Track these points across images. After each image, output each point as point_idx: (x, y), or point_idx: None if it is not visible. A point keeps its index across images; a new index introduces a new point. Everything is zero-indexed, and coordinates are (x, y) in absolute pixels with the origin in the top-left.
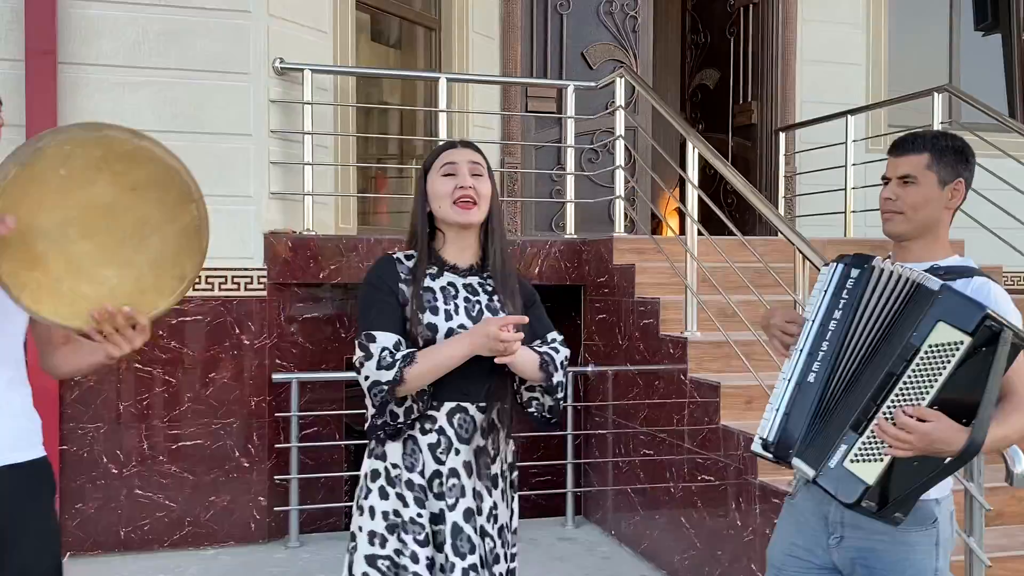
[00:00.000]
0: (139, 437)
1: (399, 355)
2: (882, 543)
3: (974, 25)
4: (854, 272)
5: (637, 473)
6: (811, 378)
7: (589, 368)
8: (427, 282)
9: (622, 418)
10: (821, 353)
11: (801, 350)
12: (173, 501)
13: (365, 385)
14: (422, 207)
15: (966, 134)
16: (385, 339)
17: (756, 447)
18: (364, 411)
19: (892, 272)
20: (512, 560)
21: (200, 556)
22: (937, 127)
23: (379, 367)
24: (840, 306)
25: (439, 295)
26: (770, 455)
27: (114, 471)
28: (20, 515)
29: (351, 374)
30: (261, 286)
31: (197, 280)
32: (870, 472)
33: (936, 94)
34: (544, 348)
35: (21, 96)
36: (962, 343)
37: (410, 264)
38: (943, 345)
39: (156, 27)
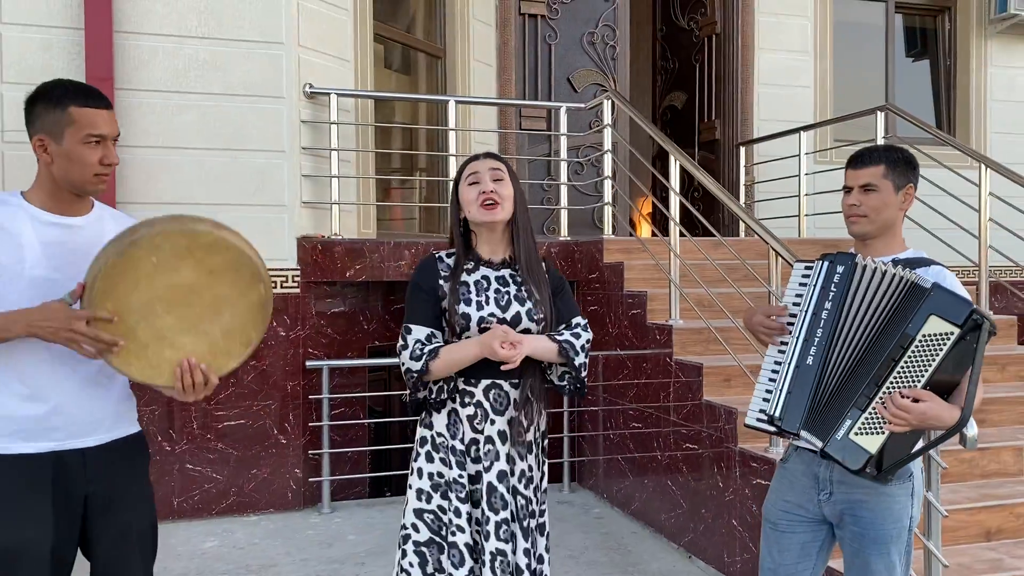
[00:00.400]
0: (189, 418)
1: (428, 348)
2: (867, 496)
3: (906, 52)
4: (839, 268)
5: (627, 444)
6: (809, 361)
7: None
8: (464, 277)
9: (612, 396)
10: (816, 339)
11: (797, 337)
12: (219, 474)
13: (402, 370)
14: (455, 213)
15: (916, 144)
16: (419, 332)
17: (752, 421)
18: (383, 393)
19: (879, 269)
20: (543, 515)
21: (244, 522)
22: (880, 141)
23: (411, 357)
24: (830, 298)
25: (472, 288)
26: (773, 428)
27: (167, 448)
28: (123, 482)
29: (373, 360)
30: (295, 284)
31: None
32: (872, 443)
33: (879, 112)
34: (566, 335)
35: None
36: (952, 334)
37: (450, 262)
38: (935, 335)
39: (200, 56)
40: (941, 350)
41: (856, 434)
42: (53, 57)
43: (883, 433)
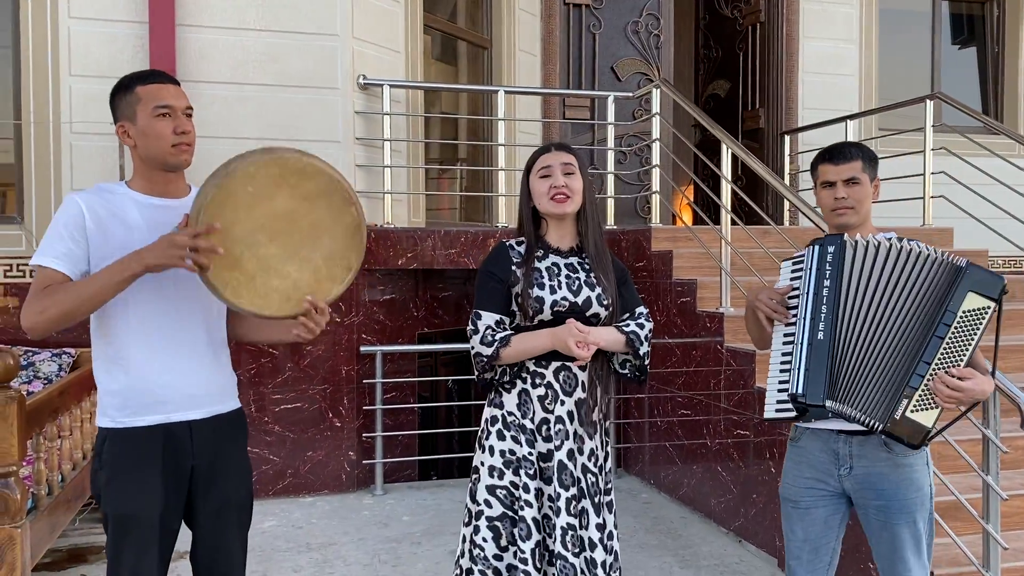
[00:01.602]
0: (247, 401)
1: (499, 335)
2: (887, 467)
3: (952, 39)
4: (830, 248)
5: (675, 431)
6: (820, 336)
7: None
8: (535, 263)
9: (660, 384)
10: (822, 316)
11: (804, 318)
12: (277, 456)
13: (472, 353)
14: (526, 203)
15: (954, 135)
16: (489, 318)
17: (772, 413)
18: (433, 379)
19: (888, 246)
20: (609, 493)
21: (300, 503)
22: (929, 130)
23: (482, 342)
24: (827, 276)
25: (545, 274)
26: (795, 411)
27: None
28: (224, 454)
29: (424, 347)
30: None
31: None
32: (929, 419)
33: (928, 100)
34: (632, 326)
35: None
36: (989, 308)
37: (521, 249)
38: (975, 311)
39: (258, 48)
40: (980, 325)
41: (912, 411)
42: (118, 50)
43: (936, 408)
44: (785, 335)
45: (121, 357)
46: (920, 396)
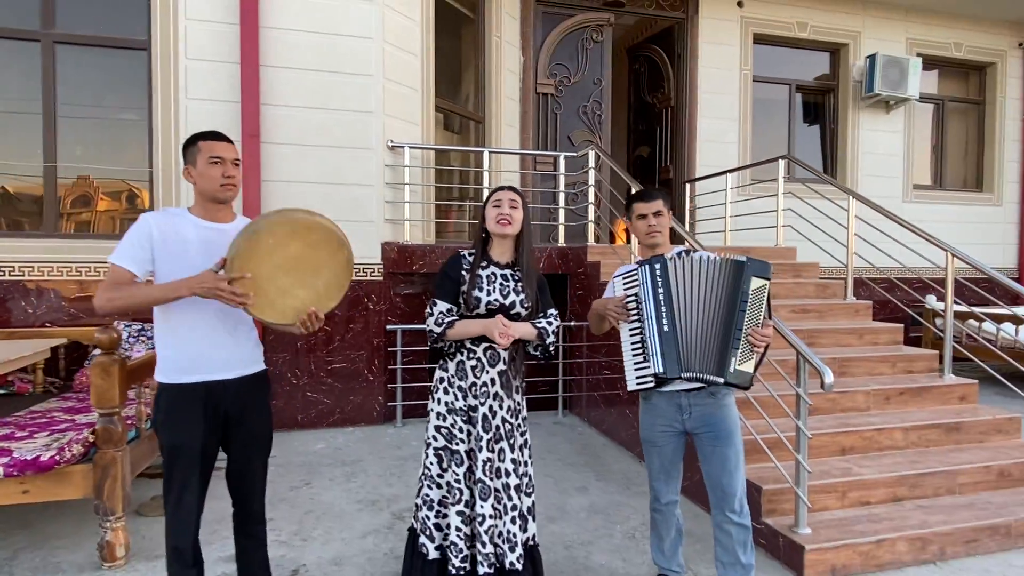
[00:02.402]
0: (309, 361)
1: (447, 319)
2: (714, 408)
3: (803, 119)
4: (657, 266)
5: (601, 384)
6: (666, 328)
7: (572, 323)
8: (479, 271)
9: (591, 352)
10: (663, 314)
11: (652, 317)
12: (328, 399)
13: (426, 329)
14: (481, 225)
15: (798, 184)
16: (442, 306)
17: (634, 386)
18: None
19: (694, 259)
20: (524, 435)
21: (344, 432)
22: (781, 180)
23: (435, 323)
24: (661, 286)
25: (484, 280)
26: (654, 383)
27: (294, 381)
28: (251, 404)
29: None
30: (380, 274)
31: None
32: (750, 366)
33: (781, 160)
34: (542, 323)
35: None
36: (767, 284)
37: (470, 259)
38: (758, 288)
39: (317, 120)
40: (764, 296)
41: (739, 364)
42: (218, 121)
43: (753, 357)
44: (631, 330)
45: (174, 332)
46: (741, 352)
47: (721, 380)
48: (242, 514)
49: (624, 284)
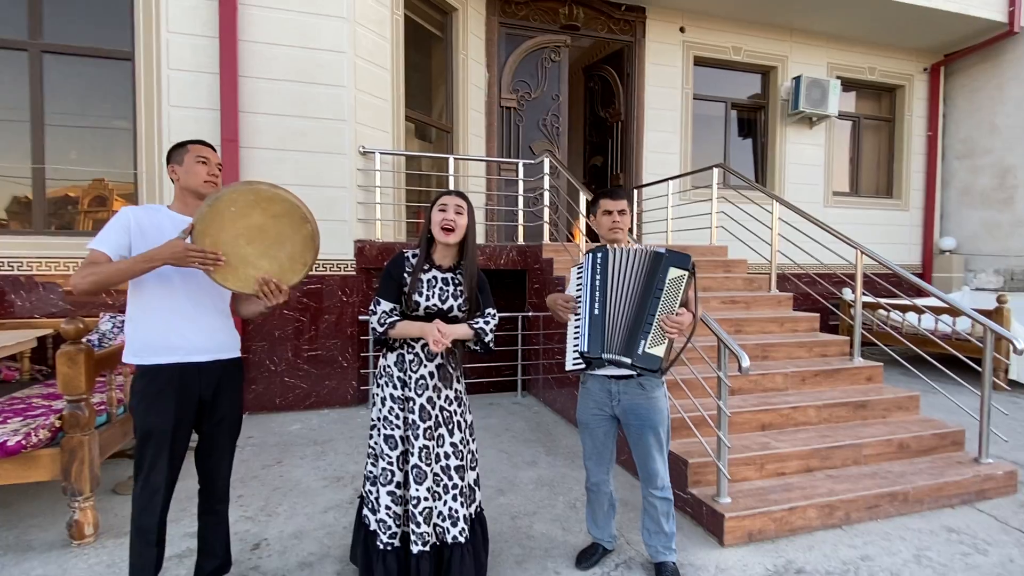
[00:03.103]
0: (286, 349)
1: (388, 320)
2: (640, 399)
3: (737, 133)
4: (599, 254)
5: (554, 367)
6: (596, 312)
7: (529, 313)
8: (420, 275)
9: (547, 339)
10: (597, 299)
11: (587, 301)
12: (304, 383)
13: (369, 326)
14: (427, 228)
15: (731, 191)
16: (385, 305)
17: (569, 366)
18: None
19: (623, 249)
20: (466, 416)
21: (319, 413)
22: (715, 187)
23: (378, 321)
24: (598, 272)
25: (424, 284)
26: (583, 363)
27: (272, 368)
28: (223, 388)
29: None
30: (352, 269)
31: (321, 266)
32: (660, 351)
33: (716, 168)
34: (479, 323)
35: None
36: (685, 275)
37: (414, 261)
38: (676, 279)
39: (295, 127)
40: (681, 286)
41: (649, 348)
42: (201, 126)
43: (664, 343)
44: (573, 325)
45: (146, 312)
46: (652, 336)
47: (628, 360)
48: (206, 491)
49: (577, 274)
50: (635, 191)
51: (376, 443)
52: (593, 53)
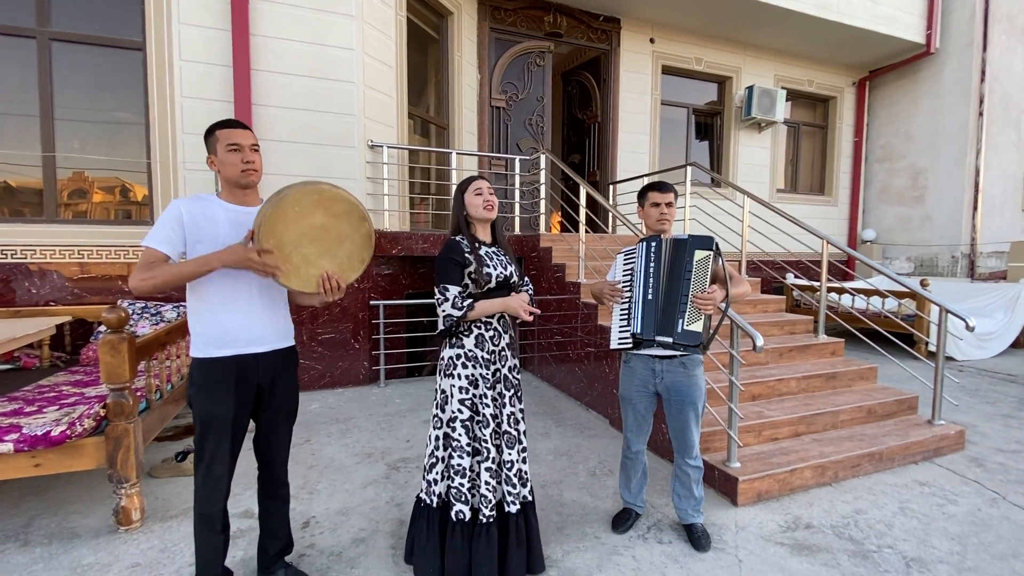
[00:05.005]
0: (302, 332)
1: (466, 302)
2: (682, 376)
3: (695, 136)
4: (653, 243)
5: (553, 346)
6: (650, 297)
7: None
8: (480, 252)
9: (544, 321)
10: (651, 284)
11: (639, 285)
12: (319, 364)
13: (442, 315)
14: (460, 211)
15: (701, 187)
16: (454, 290)
17: (616, 344)
18: (413, 320)
19: (667, 239)
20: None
21: (334, 392)
22: (688, 183)
23: (453, 306)
24: (652, 260)
25: (485, 257)
26: (632, 343)
27: None
28: (280, 376)
29: (408, 301)
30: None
31: None
32: (698, 326)
33: (688, 167)
34: (530, 290)
35: None
36: (710, 255)
37: (464, 243)
38: (701, 259)
39: (306, 120)
40: (708, 265)
41: (687, 325)
42: (213, 118)
43: (700, 318)
44: (620, 308)
45: (208, 307)
46: (689, 314)
47: (670, 340)
48: (267, 477)
49: (625, 260)
50: (610, 187)
51: (460, 435)
52: (571, 59)
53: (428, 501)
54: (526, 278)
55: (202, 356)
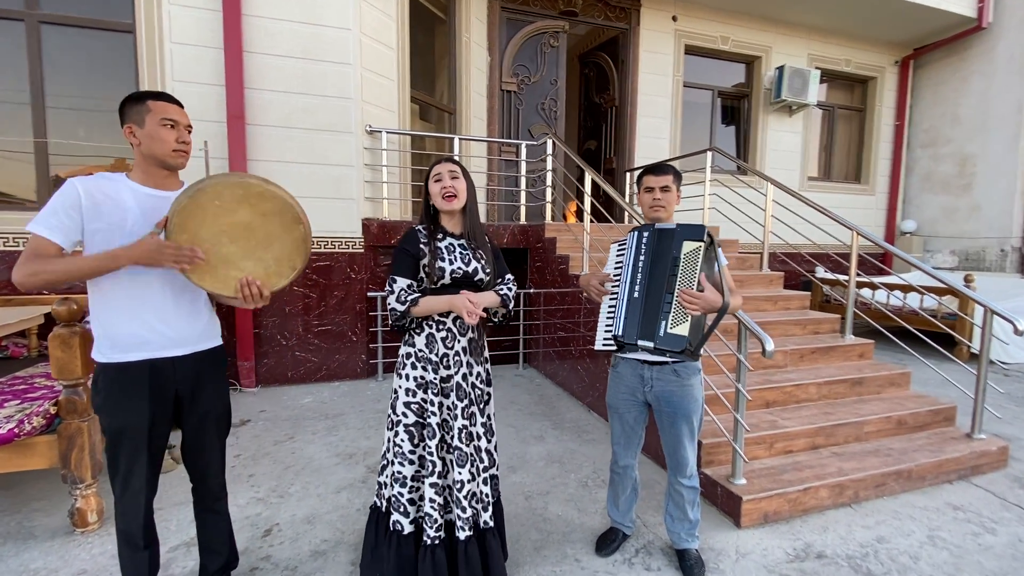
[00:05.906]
0: (297, 324)
1: (410, 296)
2: (675, 386)
3: (722, 120)
4: (645, 233)
5: (556, 343)
6: (636, 294)
7: (531, 290)
8: (438, 243)
9: (547, 315)
10: (638, 280)
11: (625, 281)
12: (315, 357)
13: (388, 308)
14: (426, 200)
15: (723, 174)
16: (403, 283)
17: (600, 346)
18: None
19: (658, 229)
20: (489, 398)
21: (329, 387)
22: (708, 169)
23: (397, 300)
24: (642, 252)
25: (444, 251)
26: (615, 345)
27: (283, 342)
28: (204, 380)
29: None
30: (361, 247)
31: (329, 243)
32: (682, 329)
33: (708, 152)
34: (504, 289)
35: (224, 141)
36: (701, 247)
37: (426, 233)
38: (691, 252)
39: (301, 104)
40: (698, 260)
41: (670, 328)
42: (205, 103)
43: (687, 320)
44: (608, 305)
45: (111, 308)
46: (673, 316)
47: (651, 344)
48: (200, 491)
49: (616, 251)
50: (627, 174)
51: (402, 441)
52: (588, 40)
53: (379, 505)
54: (508, 276)
55: (107, 361)
